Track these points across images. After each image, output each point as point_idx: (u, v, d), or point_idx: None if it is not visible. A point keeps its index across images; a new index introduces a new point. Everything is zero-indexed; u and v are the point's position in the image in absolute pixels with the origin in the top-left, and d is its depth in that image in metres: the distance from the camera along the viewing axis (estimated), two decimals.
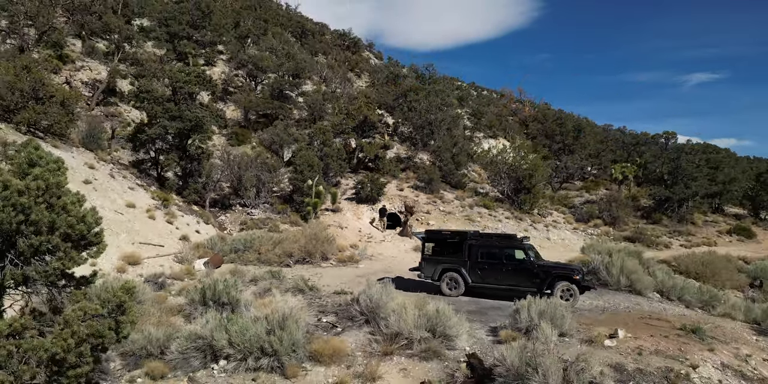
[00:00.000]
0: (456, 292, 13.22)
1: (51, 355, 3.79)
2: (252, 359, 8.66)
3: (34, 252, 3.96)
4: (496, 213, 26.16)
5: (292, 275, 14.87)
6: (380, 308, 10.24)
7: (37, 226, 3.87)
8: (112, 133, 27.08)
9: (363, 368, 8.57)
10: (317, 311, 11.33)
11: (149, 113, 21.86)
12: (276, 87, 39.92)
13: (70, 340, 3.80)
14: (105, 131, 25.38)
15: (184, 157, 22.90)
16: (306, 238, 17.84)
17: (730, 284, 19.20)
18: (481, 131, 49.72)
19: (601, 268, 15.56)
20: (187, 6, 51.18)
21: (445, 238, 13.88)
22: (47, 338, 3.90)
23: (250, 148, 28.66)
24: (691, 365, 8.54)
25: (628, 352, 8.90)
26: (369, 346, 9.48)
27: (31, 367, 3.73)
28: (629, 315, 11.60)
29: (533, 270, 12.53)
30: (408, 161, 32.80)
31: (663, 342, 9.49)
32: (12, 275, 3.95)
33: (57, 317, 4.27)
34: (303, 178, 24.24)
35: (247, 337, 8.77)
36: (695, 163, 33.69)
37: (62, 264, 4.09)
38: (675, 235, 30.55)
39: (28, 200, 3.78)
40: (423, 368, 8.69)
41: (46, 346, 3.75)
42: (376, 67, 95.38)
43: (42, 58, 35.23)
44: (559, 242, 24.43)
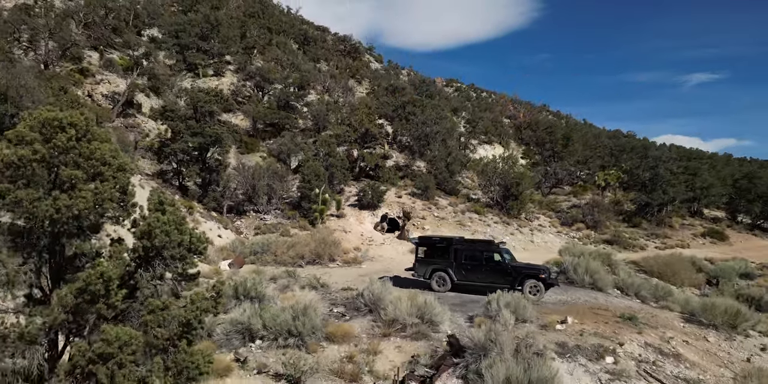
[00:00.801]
0: (444, 288, 15.77)
1: (186, 320, 6.31)
2: (281, 339, 11.22)
3: (171, 259, 6.47)
4: (485, 218, 28.72)
5: (305, 274, 17.42)
6: (380, 300, 12.80)
7: (174, 243, 6.38)
8: (135, 144, 29.63)
9: (367, 346, 11.14)
10: (329, 303, 13.88)
11: (173, 129, 24.40)
12: (282, 98, 42.45)
13: (196, 311, 6.32)
14: (130, 143, 27.91)
15: (204, 169, 25.46)
16: (315, 242, 20.40)
17: (689, 282, 21.78)
18: (477, 138, 52.23)
19: (570, 268, 18.11)
20: (197, 18, 53.78)
21: (434, 243, 16.44)
22: (180, 311, 6.42)
23: (261, 159, 31.16)
24: (619, 343, 11.10)
25: (572, 334, 11.46)
26: (371, 329, 12.04)
27: (174, 328, 6.26)
28: (584, 307, 14.15)
29: (507, 270, 15.09)
30: (406, 169, 35.35)
31: (602, 326, 12.06)
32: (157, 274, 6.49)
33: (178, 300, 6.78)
34: (310, 186, 26.77)
35: (277, 322, 11.34)
36: (672, 171, 36.22)
37: (186, 266, 6.60)
38: (652, 238, 33.13)
39: (170, 228, 6.30)
40: (413, 346, 11.25)
41: (182, 314, 6.27)
42: (376, 72, 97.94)
43: (65, 72, 37.84)
44: (542, 245, 26.96)
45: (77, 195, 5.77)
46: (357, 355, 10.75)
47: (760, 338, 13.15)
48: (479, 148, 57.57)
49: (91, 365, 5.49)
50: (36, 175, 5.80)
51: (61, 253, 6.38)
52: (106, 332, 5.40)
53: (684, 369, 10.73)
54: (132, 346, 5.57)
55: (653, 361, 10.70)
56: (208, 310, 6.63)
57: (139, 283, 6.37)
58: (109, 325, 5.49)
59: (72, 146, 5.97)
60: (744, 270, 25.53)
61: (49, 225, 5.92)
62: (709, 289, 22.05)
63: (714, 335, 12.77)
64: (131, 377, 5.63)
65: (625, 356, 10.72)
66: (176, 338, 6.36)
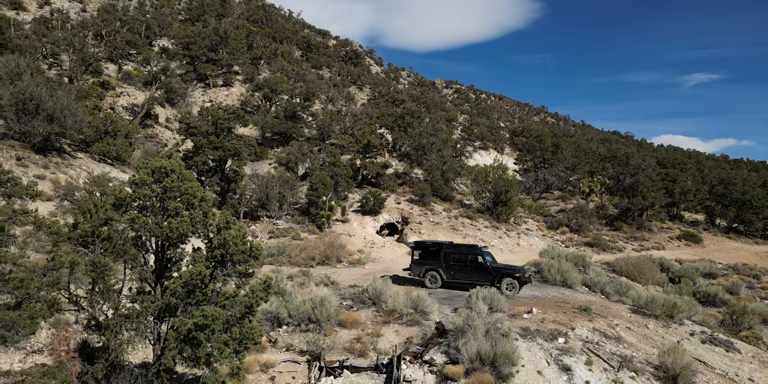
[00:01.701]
0: (435, 285, 18.63)
1: (248, 304, 9.16)
2: (303, 325, 14.09)
3: (238, 262, 9.32)
4: (476, 223, 31.58)
5: (316, 274, 20.29)
6: (382, 295, 15.66)
7: (239, 251, 9.23)
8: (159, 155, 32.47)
9: (371, 330, 14.00)
10: (339, 297, 16.74)
11: (196, 144, 27.25)
12: (289, 109, 45.30)
13: (254, 298, 9.16)
14: (155, 155, 30.76)
15: (223, 178, 28.32)
16: (324, 245, 23.26)
17: (653, 281, 24.65)
18: (472, 145, 55.06)
19: (546, 269, 20.97)
20: (206, 31, 56.67)
21: (428, 247, 19.30)
22: (244, 298, 9.24)
23: (272, 168, 34.00)
24: (571, 328, 13.96)
25: (535, 321, 14.32)
26: (375, 318, 14.90)
27: (241, 309, 9.11)
28: (551, 301, 17.01)
29: (488, 270, 17.96)
30: (405, 176, 38.21)
31: (561, 316, 14.92)
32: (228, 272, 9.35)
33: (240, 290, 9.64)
34: (318, 194, 29.62)
35: (300, 311, 14.20)
36: (652, 178, 39.08)
37: (247, 267, 9.44)
38: (630, 241, 35.98)
39: (238, 240, 9.14)
40: (408, 330, 14.11)
41: (245, 300, 9.11)
42: (377, 77, 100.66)
43: (88, 86, 40.75)
44: (527, 247, 29.81)
45: (181, 220, 8.65)
46: (363, 337, 13.61)
47: (692, 326, 16.03)
48: (475, 154, 60.44)
49: (193, 332, 8.37)
50: (153, 206, 8.68)
51: (163, 258, 9.26)
52: (205, 310, 8.27)
53: (621, 348, 13.59)
54: (219, 320, 8.45)
55: (597, 342, 13.57)
56: (262, 298, 9.52)
57: (217, 278, 9.25)
58: (207, 306, 8.36)
59: (175, 186, 8.84)
60: (707, 270, 28.42)
61: (159, 239, 8.81)
62: (671, 286, 24.91)
63: (654, 323, 15.63)
64: (218, 339, 8.50)
65: (575, 338, 13.58)
66: (241, 317, 9.26)
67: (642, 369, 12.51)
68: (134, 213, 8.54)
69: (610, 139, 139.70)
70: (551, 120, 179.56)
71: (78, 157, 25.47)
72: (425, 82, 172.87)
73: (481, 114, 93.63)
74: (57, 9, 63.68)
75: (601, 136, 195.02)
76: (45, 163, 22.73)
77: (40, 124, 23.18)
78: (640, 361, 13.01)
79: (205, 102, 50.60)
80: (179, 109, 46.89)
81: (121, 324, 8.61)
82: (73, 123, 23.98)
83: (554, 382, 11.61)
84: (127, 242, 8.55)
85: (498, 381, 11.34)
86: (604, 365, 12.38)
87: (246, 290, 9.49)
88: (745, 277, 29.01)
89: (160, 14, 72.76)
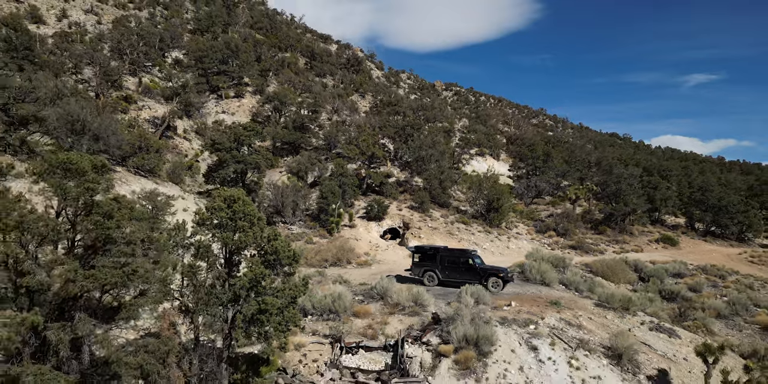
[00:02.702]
0: (432, 284, 21.92)
1: (293, 296, 12.45)
2: (325, 315, 17.41)
3: (284, 264, 12.61)
4: (470, 228, 34.89)
5: (330, 274, 23.61)
6: (387, 291, 18.98)
7: (285, 255, 12.53)
8: (186, 166, 35.74)
9: (380, 319, 17.31)
10: (352, 293, 20.02)
11: (220, 158, 30.56)
12: (297, 120, 48.60)
13: (296, 291, 12.45)
14: (183, 166, 34.04)
15: (243, 188, 31.60)
16: (336, 248, 26.58)
17: (624, 280, 27.97)
18: (468, 153, 58.35)
19: (528, 269, 24.28)
20: (218, 44, 60.00)
21: (426, 250, 22.61)
22: (289, 291, 12.52)
23: (286, 177, 37.29)
24: (541, 317, 17.28)
25: (513, 312, 17.64)
26: (382, 309, 18.21)
27: (287, 299, 12.40)
28: (528, 296, 20.31)
29: (477, 270, 21.26)
30: (406, 184, 41.52)
31: (534, 308, 18.24)
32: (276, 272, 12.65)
33: (286, 285, 12.92)
34: (328, 202, 32.91)
35: (322, 304, 17.52)
36: (633, 186, 42.40)
37: (290, 268, 12.73)
38: (612, 244, 39.28)
39: (284, 247, 12.44)
40: (410, 319, 17.42)
41: (290, 293, 12.40)
42: (378, 84, 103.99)
43: (113, 100, 44.09)
44: (516, 250, 33.11)
45: (247, 234, 11.98)
46: (374, 325, 16.93)
47: (644, 317, 19.33)
48: (472, 160, 63.74)
49: (257, 315, 11.69)
50: (226, 225, 12.00)
51: (231, 261, 12.58)
52: (266, 299, 11.58)
53: (581, 333, 16.91)
54: (275, 306, 11.77)
55: (561, 328, 16.89)
56: (302, 291, 12.85)
57: (269, 277, 12.57)
58: (267, 297, 11.67)
59: (241, 209, 12.16)
60: (676, 271, 31.72)
61: (229, 248, 12.14)
62: (640, 285, 28.23)
63: (612, 314, 18.95)
64: (274, 320, 11.82)
65: (544, 325, 16.90)
66: (287, 305, 12.58)
67: (595, 349, 15.84)
68: (213, 229, 11.85)
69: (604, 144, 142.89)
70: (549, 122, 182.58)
71: (117, 171, 28.74)
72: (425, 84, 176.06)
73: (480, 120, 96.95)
74: (74, 22, 66.86)
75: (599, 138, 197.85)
76: None
77: (87, 142, 26.49)
78: (594, 343, 16.33)
79: (218, 113, 53.96)
80: (195, 120, 50.20)
81: (203, 310, 11.93)
82: (115, 141, 27.28)
83: (523, 358, 14.94)
84: (210, 250, 11.87)
85: (479, 356, 14.67)
86: (564, 346, 15.71)
87: (290, 285, 12.81)
88: (711, 277, 32.27)
89: (171, 25, 76.12)
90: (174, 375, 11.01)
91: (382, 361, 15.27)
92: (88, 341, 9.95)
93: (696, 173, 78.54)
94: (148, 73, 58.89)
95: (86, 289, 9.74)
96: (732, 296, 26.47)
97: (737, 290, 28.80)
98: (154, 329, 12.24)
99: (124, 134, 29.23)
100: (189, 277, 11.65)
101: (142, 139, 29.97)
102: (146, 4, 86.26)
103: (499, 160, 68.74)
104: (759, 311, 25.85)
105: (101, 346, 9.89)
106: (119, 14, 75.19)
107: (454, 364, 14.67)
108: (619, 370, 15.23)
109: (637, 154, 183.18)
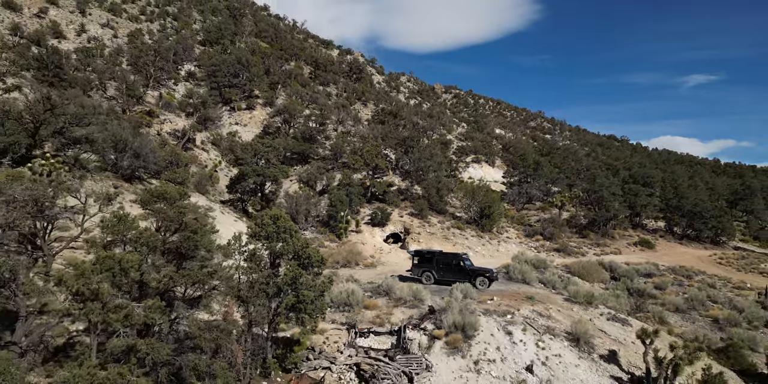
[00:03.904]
0: (429, 282, 25.83)
1: (322, 290, 16.35)
2: (341, 307, 21.33)
3: (314, 266, 16.51)
4: (464, 232, 38.84)
5: (342, 274, 27.50)
6: (392, 288, 22.91)
7: (315, 259, 16.45)
8: (209, 179, 39.67)
9: (386, 311, 21.24)
10: (362, 290, 23.94)
11: (242, 172, 34.50)
12: (306, 132, 52.56)
13: (324, 286, 16.36)
14: (206, 176, 37.96)
15: (262, 198, 35.56)
16: (346, 252, 30.51)
17: (598, 279, 31.90)
18: (464, 161, 62.32)
19: (511, 270, 28.20)
20: (230, 59, 64.01)
21: (424, 254, 26.54)
22: (319, 286, 16.43)
23: (298, 187, 41.21)
24: (517, 309, 21.21)
25: (495, 305, 21.56)
26: (387, 303, 22.15)
27: (318, 293, 16.33)
28: (509, 292, 24.22)
29: (467, 271, 25.19)
30: (406, 192, 45.47)
31: (512, 302, 22.16)
32: (308, 272, 16.59)
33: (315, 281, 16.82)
34: (336, 210, 36.83)
35: (338, 298, 21.45)
36: (614, 193, 46.35)
37: (318, 269, 16.60)
38: (594, 247, 43.23)
39: (314, 252, 16.34)
40: (410, 311, 21.34)
41: (320, 288, 16.33)
42: (379, 91, 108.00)
43: (138, 115, 48.02)
44: (505, 252, 37.03)
45: (288, 243, 15.92)
46: (381, 315, 20.86)
47: (604, 309, 23.24)
48: (469, 167, 67.71)
49: (297, 305, 15.62)
50: (273, 236, 15.95)
51: (275, 264, 16.52)
52: (303, 292, 15.52)
53: (550, 322, 20.82)
54: (310, 298, 15.70)
55: (533, 318, 20.81)
56: (328, 286, 16.81)
57: (304, 275, 16.51)
58: (303, 290, 15.60)
59: (283, 225, 16.11)
60: (647, 271, 35.66)
61: (274, 254, 16.09)
62: (612, 283, 32.16)
63: (578, 307, 22.87)
64: (309, 308, 15.75)
65: (518, 315, 20.82)
66: (317, 297, 16.53)
67: (558, 334, 19.78)
68: (262, 240, 15.78)
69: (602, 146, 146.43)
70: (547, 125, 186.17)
71: (152, 183, 32.67)
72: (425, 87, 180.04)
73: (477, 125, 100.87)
74: (93, 36, 70.71)
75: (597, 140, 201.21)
76: (134, 190, 29.95)
77: (128, 159, 30.43)
78: (559, 330, 20.25)
79: (231, 124, 57.97)
80: (210, 131, 54.18)
81: (255, 301, 15.85)
82: (152, 158, 31.21)
83: (500, 340, 18.88)
84: (259, 255, 15.80)
85: (465, 339, 18.59)
86: (534, 331, 19.65)
87: (319, 282, 16.74)
88: (679, 276, 36.20)
89: (182, 38, 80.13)
90: (236, 348, 14.88)
91: (388, 343, 19.18)
92: (180, 321, 13.88)
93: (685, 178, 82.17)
94: (164, 86, 62.96)
95: (178, 284, 13.69)
96: (691, 293, 30.43)
97: (699, 288, 32.72)
98: (220, 315, 16.17)
99: (161, 152, 33.19)
100: (246, 275, 15.56)
101: (173, 155, 33.91)
102: (157, 16, 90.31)
103: (494, 167, 72.68)
104: (714, 306, 29.85)
105: (189, 324, 13.82)
106: (133, 27, 79.02)
107: (446, 344, 18.59)
108: (576, 350, 19.16)
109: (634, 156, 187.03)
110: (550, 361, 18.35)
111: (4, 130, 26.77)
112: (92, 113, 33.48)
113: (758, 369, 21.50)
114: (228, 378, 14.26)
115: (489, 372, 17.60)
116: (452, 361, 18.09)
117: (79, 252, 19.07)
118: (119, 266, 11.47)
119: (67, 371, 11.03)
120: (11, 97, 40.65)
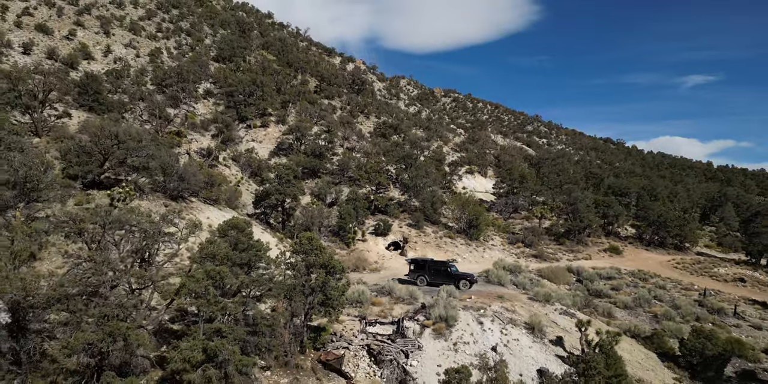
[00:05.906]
0: (423, 284, 32.19)
1: (342, 290, 22.70)
2: (354, 304, 27.73)
3: (337, 273, 22.83)
4: (455, 241, 45.23)
5: (352, 277, 33.86)
6: (393, 289, 29.34)
7: (338, 268, 22.79)
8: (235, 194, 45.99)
9: (388, 307, 27.66)
10: (370, 290, 30.35)
11: (267, 190, 40.87)
12: (316, 149, 58.96)
13: (344, 288, 22.69)
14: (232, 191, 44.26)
15: (282, 212, 41.94)
16: (355, 259, 36.89)
17: (564, 282, 38.28)
18: (458, 173, 68.69)
19: (490, 274, 34.60)
20: (245, 79, 70.38)
21: (418, 261, 32.95)
22: (339, 288, 22.71)
23: (309, 199, 47.61)
24: (488, 305, 27.62)
25: (471, 302, 27.95)
26: (390, 301, 28.56)
27: (338, 293, 22.68)
28: (485, 293, 30.59)
29: (452, 275, 31.60)
30: (405, 204, 51.89)
31: (486, 300, 28.57)
32: (332, 278, 22.94)
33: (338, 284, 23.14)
34: (345, 222, 43.21)
35: (352, 297, 27.85)
36: (588, 205, 52.77)
37: (340, 276, 22.92)
38: (568, 253, 49.61)
39: (337, 263, 22.69)
40: (407, 306, 27.74)
41: (341, 289, 22.66)
42: (380, 103, 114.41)
43: (168, 136, 54.34)
44: (489, 259, 43.43)
45: (318, 256, 22.37)
46: (385, 309, 27.26)
47: (559, 306, 29.61)
48: (464, 177, 74.07)
49: (326, 301, 22.05)
50: (309, 252, 22.40)
51: (309, 271, 22.96)
52: (330, 293, 21.94)
53: (513, 315, 27.21)
54: (335, 296, 22.12)
55: (500, 312, 27.20)
56: (347, 288, 23.28)
57: (330, 281, 22.93)
58: (330, 291, 22.01)
59: (315, 243, 22.55)
60: (608, 275, 42.03)
61: (308, 265, 22.57)
62: (576, 285, 38.54)
63: (538, 304, 29.26)
64: (334, 304, 22.18)
65: (489, 310, 27.22)
66: (339, 296, 22.98)
67: (519, 324, 26.19)
68: (300, 254, 22.17)
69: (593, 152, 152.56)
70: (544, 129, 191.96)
71: (193, 202, 39.04)
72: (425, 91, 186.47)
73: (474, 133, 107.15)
74: (117, 57, 77.07)
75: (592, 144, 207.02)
76: (180, 208, 36.31)
77: (174, 181, 36.80)
78: (520, 321, 26.65)
79: (248, 141, 64.37)
80: (230, 148, 60.56)
81: (294, 298, 22.25)
82: (194, 180, 37.57)
83: (474, 328, 25.28)
84: (298, 265, 22.21)
85: (447, 327, 24.99)
86: (500, 322, 26.06)
87: (341, 285, 23.18)
88: (636, 279, 42.61)
89: (197, 55, 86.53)
90: (283, 331, 21.27)
91: (390, 330, 25.56)
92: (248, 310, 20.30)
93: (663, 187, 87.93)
94: (187, 104, 69.32)
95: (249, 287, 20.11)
96: (639, 293, 36.84)
97: (649, 290, 39.10)
98: (271, 308, 22.60)
99: (200, 176, 39.48)
100: (290, 280, 21.97)
101: (209, 177, 40.28)
102: (172, 33, 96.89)
103: (486, 177, 79.12)
104: (657, 304, 36.28)
105: (254, 315, 20.22)
106: (153, 46, 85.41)
107: (433, 331, 24.99)
108: (532, 336, 25.56)
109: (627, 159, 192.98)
110: (510, 343, 24.77)
111: (79, 161, 33.22)
112: (142, 141, 39.90)
113: (675, 352, 27.95)
114: (279, 352, 20.71)
115: (464, 351, 24.03)
116: (438, 343, 24.49)
117: (180, 264, 25.45)
118: (219, 275, 17.86)
119: (186, 342, 17.43)
120: (61, 122, 47.20)
